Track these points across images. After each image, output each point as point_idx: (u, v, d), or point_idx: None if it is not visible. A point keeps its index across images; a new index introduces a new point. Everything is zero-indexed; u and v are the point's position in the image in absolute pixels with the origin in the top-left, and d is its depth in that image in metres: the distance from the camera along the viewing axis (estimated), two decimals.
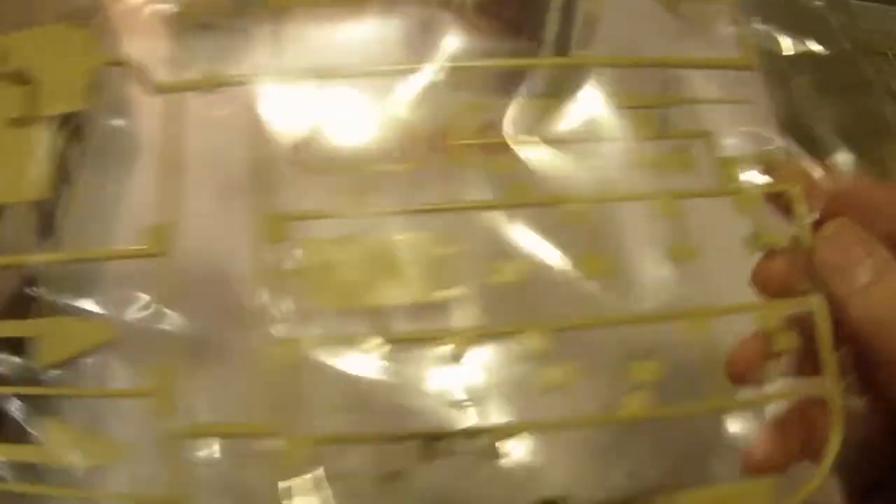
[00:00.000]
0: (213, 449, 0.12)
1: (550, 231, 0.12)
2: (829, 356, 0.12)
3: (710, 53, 0.15)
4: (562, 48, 0.27)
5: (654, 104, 0.14)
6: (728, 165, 0.13)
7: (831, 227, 0.12)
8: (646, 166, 0.13)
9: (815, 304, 0.12)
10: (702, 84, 0.15)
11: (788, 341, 0.12)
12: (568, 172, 0.13)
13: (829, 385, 0.12)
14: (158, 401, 0.12)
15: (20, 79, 0.14)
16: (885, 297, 0.12)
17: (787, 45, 0.14)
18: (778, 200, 0.13)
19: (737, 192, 0.13)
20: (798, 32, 0.14)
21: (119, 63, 0.13)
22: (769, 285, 0.13)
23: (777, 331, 0.12)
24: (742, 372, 0.13)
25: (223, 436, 0.12)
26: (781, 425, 0.13)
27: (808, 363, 0.13)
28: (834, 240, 0.12)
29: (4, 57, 0.14)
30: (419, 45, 0.14)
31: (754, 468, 0.13)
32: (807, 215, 0.13)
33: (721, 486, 0.13)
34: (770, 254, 0.13)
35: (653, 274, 0.14)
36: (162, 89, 0.13)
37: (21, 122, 0.14)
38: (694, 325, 0.12)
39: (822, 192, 0.12)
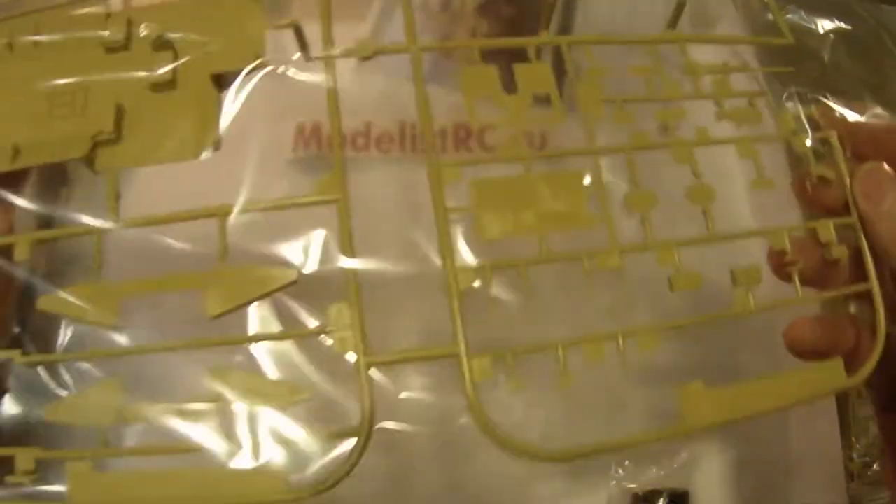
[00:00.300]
0: (399, 377, 0.15)
1: (663, 167, 0.17)
2: (868, 259, 0.18)
3: (714, 51, 0.21)
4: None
5: (720, 71, 0.19)
6: (784, 117, 0.19)
7: (867, 167, 0.19)
8: (727, 119, 0.19)
9: (855, 220, 0.18)
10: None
11: (840, 251, 0.18)
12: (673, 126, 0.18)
13: (873, 285, 0.18)
14: (353, 335, 0.14)
15: (162, 45, 0.16)
16: None
17: (818, 23, 0.20)
18: (823, 143, 0.19)
19: (793, 138, 0.19)
20: (825, 14, 0.20)
21: (287, 26, 0.15)
22: (821, 207, 0.19)
23: (832, 242, 0.18)
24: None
25: (411, 361, 0.15)
26: (820, 320, 0.19)
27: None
28: (868, 176, 0.19)
29: (127, 22, 0.16)
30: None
31: (791, 337, 0.18)
32: (844, 154, 0.19)
33: (794, 368, 0.18)
34: (821, 181, 0.19)
35: (741, 200, 0.19)
36: (321, 56, 0.16)
37: (164, 86, 0.16)
38: (773, 238, 0.18)
39: (857, 136, 0.19)
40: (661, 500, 0.27)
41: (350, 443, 0.15)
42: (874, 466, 0.30)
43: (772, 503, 0.29)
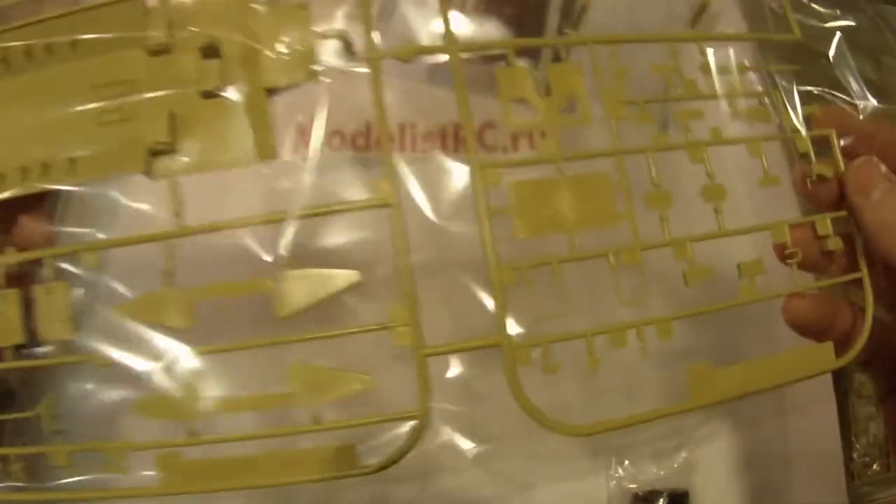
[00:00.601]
0: (451, 365, 0.20)
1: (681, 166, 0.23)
2: (862, 249, 0.25)
3: (713, 49, 0.27)
4: (562, 46, 0.37)
5: (737, 70, 0.25)
6: (789, 115, 0.25)
7: (859, 161, 0.25)
8: (739, 118, 0.25)
9: (847, 213, 0.25)
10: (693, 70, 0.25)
11: (836, 244, 0.25)
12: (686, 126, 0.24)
13: (864, 274, 0.25)
14: (410, 330, 0.20)
15: (211, 52, 0.20)
16: (889, 209, 0.24)
17: (822, 18, 0.26)
18: (822, 141, 0.25)
19: (796, 135, 0.25)
20: (830, 9, 0.26)
21: (336, 36, 0.20)
22: (821, 202, 0.25)
23: (829, 235, 0.25)
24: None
25: (460, 351, 0.21)
26: (816, 298, 0.25)
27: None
28: (859, 169, 0.24)
29: (176, 23, 0.20)
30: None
31: (789, 311, 0.24)
32: (840, 151, 0.25)
33: (789, 350, 0.24)
34: (820, 179, 0.25)
35: (748, 197, 0.25)
36: (365, 58, 0.21)
37: (213, 93, 0.20)
38: (776, 233, 0.24)
39: (855, 133, 0.25)
40: (661, 500, 0.33)
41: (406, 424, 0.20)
42: (874, 466, 0.36)
43: (772, 503, 0.34)
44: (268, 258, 0.20)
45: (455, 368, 0.25)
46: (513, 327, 0.21)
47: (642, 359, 0.23)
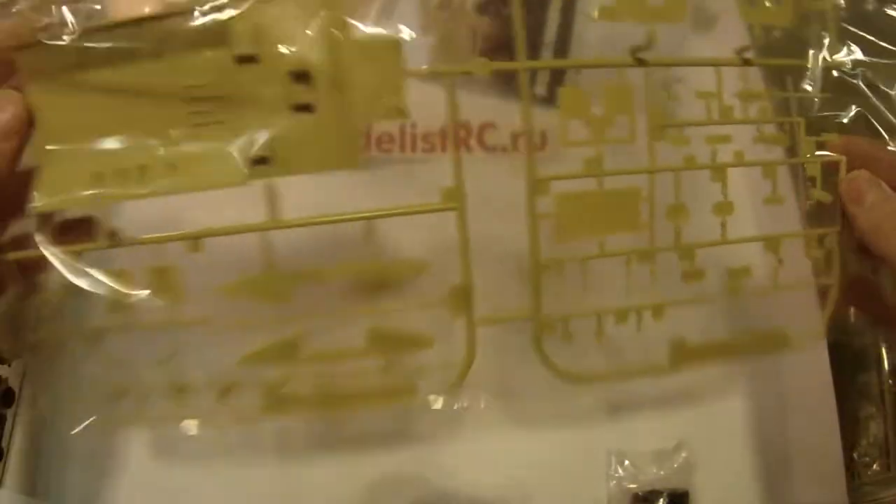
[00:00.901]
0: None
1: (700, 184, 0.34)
2: (836, 262, 0.36)
3: (715, 50, 0.36)
4: (561, 48, 0.44)
5: (763, 96, 0.34)
6: (806, 142, 0.35)
7: (849, 175, 0.34)
8: (761, 142, 0.34)
9: (835, 230, 0.35)
10: (702, 81, 0.34)
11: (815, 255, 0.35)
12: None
13: (834, 283, 0.36)
14: (465, 304, 0.31)
15: (302, 77, 0.28)
16: (881, 213, 0.33)
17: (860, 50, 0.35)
18: (831, 166, 0.35)
19: (807, 161, 0.35)
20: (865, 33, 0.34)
21: (423, 74, 0.30)
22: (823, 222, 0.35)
23: (817, 251, 0.35)
24: None
25: (502, 321, 0.32)
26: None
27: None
28: (852, 181, 0.34)
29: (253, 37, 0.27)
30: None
31: None
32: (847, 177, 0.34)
33: (757, 332, 0.35)
34: (818, 204, 0.35)
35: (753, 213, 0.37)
36: (441, 73, 0.30)
37: (302, 108, 0.28)
38: (771, 245, 0.35)
39: (862, 156, 0.34)
40: (661, 500, 0.40)
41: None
42: (874, 466, 0.44)
43: (772, 503, 0.40)
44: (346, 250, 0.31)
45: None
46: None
47: (649, 338, 0.34)
